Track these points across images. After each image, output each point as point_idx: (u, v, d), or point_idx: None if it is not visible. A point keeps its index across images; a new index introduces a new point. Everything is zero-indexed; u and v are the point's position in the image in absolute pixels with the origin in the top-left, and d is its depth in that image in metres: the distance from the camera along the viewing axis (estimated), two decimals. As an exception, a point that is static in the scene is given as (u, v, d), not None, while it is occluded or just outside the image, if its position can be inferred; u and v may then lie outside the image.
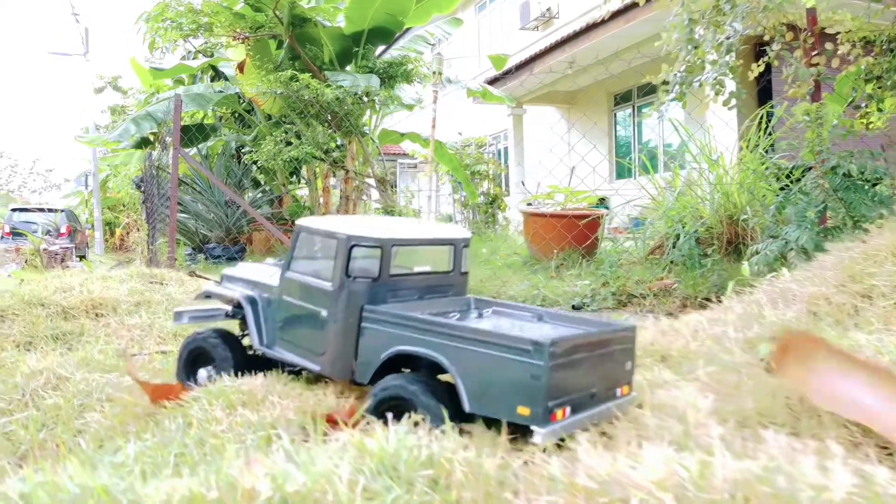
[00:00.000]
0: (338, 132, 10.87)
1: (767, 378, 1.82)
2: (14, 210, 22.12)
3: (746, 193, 6.41)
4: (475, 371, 1.69)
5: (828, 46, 5.73)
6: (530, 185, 13.77)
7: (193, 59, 13.66)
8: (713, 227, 6.47)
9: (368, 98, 10.84)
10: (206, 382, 2.27)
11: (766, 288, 3.16)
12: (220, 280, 2.70)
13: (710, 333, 2.56)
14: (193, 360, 2.46)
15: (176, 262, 8.58)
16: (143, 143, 12.55)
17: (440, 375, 1.83)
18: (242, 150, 12.66)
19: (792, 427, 1.54)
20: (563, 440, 1.34)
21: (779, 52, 5.79)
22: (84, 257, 17.34)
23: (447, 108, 15.65)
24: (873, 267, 2.76)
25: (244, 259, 11.46)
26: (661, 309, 5.59)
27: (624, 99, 16.06)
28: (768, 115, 6.83)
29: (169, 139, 10.19)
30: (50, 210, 21.76)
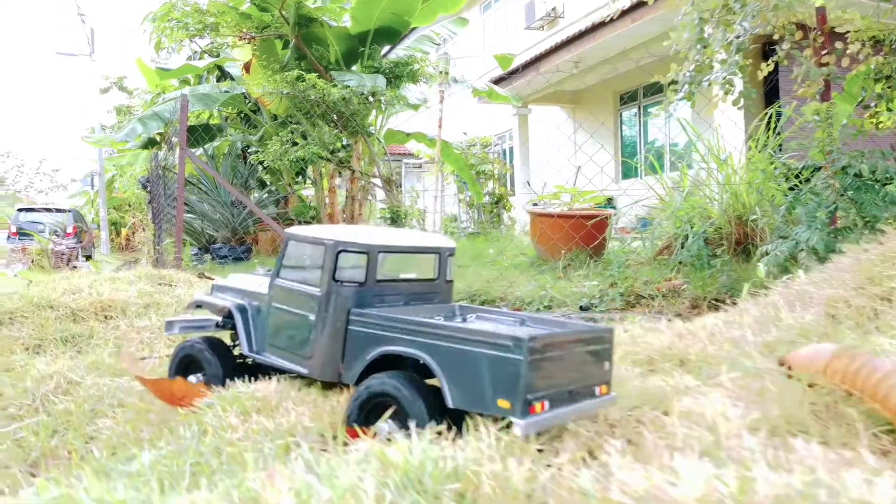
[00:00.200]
0: (344, 132, 10.85)
1: (791, 384, 1.78)
2: (20, 210, 22.15)
3: (755, 193, 6.36)
4: (458, 368, 1.76)
5: (837, 46, 5.69)
6: (536, 184, 13.74)
7: (199, 59, 13.66)
8: (722, 228, 6.42)
9: (374, 98, 10.82)
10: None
11: (782, 290, 3.12)
12: (211, 290, 2.75)
13: (728, 337, 2.52)
14: (184, 367, 2.51)
15: (182, 262, 8.57)
16: (149, 143, 12.56)
17: (427, 380, 1.87)
18: (248, 151, 12.65)
19: (820, 435, 1.50)
20: (591, 453, 1.31)
21: (789, 52, 5.76)
22: (90, 257, 17.37)
23: (452, 108, 15.64)
24: (892, 269, 2.72)
25: (250, 259, 11.47)
26: (669, 310, 5.55)
27: (630, 99, 15.99)
28: (776, 115, 6.78)
29: (175, 139, 10.19)
30: (58, 210, 21.80)
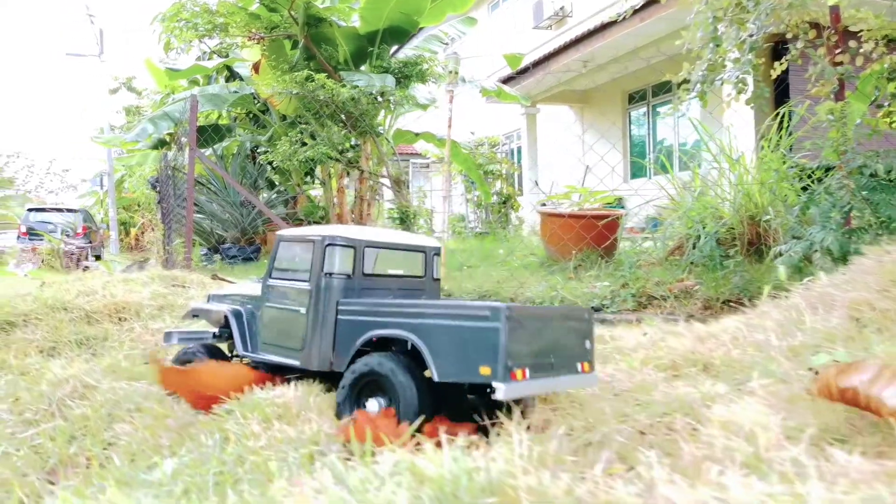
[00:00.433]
0: (353, 132, 10.83)
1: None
2: (30, 210, 22.20)
3: (768, 193, 6.30)
4: (441, 343, 1.86)
5: (851, 44, 5.64)
6: (544, 184, 13.69)
7: (208, 59, 13.65)
8: (734, 228, 6.36)
9: (383, 98, 10.78)
10: None
11: (803, 292, 3.07)
12: (207, 300, 2.87)
13: (751, 340, 2.48)
14: None
15: (192, 262, 8.57)
16: (158, 143, 12.56)
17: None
18: (257, 151, 12.64)
19: (856, 443, 1.46)
20: (634, 468, 1.27)
21: (803, 51, 5.71)
22: (99, 257, 17.42)
23: (460, 107, 15.57)
24: (917, 272, 2.67)
25: (259, 259, 11.47)
26: (681, 311, 5.50)
27: (639, 98, 15.91)
28: (788, 115, 6.71)
29: (185, 139, 10.18)
30: (69, 210, 21.85)
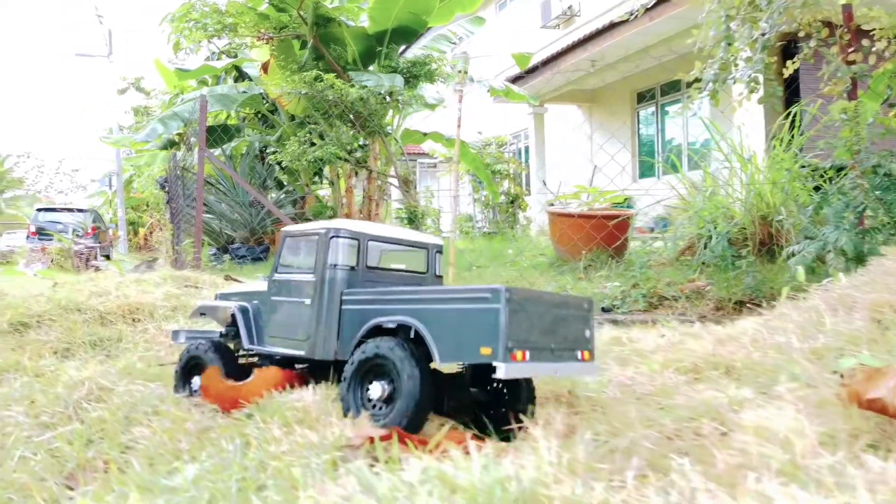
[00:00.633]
0: (362, 132, 10.82)
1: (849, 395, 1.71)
2: (40, 210, 22.31)
3: (780, 193, 6.25)
4: (442, 326, 1.92)
5: (863, 43, 5.60)
6: (552, 184, 13.64)
7: (217, 59, 13.67)
8: (746, 228, 6.32)
9: (392, 98, 10.77)
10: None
11: (822, 294, 3.04)
12: (215, 299, 2.93)
13: (772, 343, 2.44)
14: (190, 369, 2.66)
15: (201, 262, 8.57)
16: (168, 143, 12.59)
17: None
18: (266, 151, 12.65)
19: (889, 450, 1.43)
20: (666, 476, 1.24)
21: (816, 49, 5.67)
22: (108, 257, 17.47)
23: (467, 107, 15.53)
24: (940, 273, 2.64)
25: (268, 259, 11.48)
26: (693, 311, 5.46)
27: (648, 97, 15.85)
28: (799, 114, 6.66)
29: (194, 139, 10.20)
30: (80, 210, 21.95)
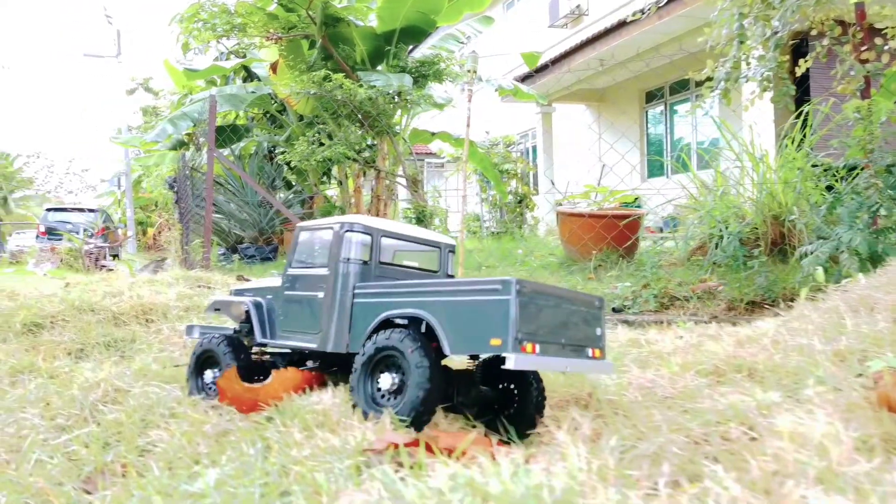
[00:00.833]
0: (370, 132, 10.80)
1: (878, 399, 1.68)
2: (49, 210, 22.41)
3: (792, 192, 6.20)
4: (453, 318, 1.94)
5: (876, 42, 5.56)
6: (559, 183, 13.60)
7: (226, 59, 13.68)
8: (757, 228, 6.27)
9: (401, 97, 10.75)
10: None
11: (842, 294, 3.00)
12: (230, 294, 2.98)
13: (793, 344, 2.41)
14: (202, 363, 2.70)
15: (210, 262, 8.58)
16: (177, 144, 12.60)
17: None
18: (275, 151, 12.65)
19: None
20: (699, 483, 1.22)
21: (830, 48, 5.64)
22: (117, 256, 17.52)
23: (476, 107, 15.51)
24: (964, 274, 2.60)
25: (277, 258, 11.49)
26: (705, 312, 5.43)
27: (656, 96, 15.78)
28: (808, 113, 6.61)
29: (203, 139, 10.21)
30: (91, 210, 22.04)
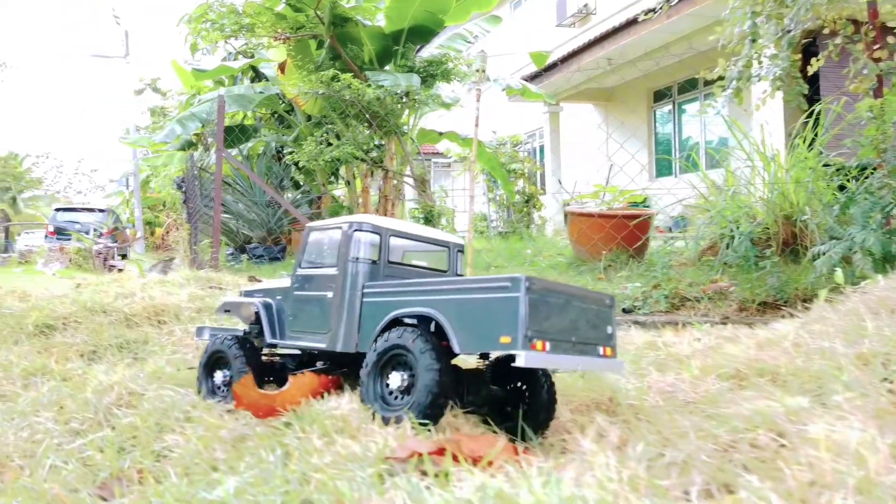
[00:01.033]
0: (378, 132, 10.79)
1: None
2: (58, 210, 22.49)
3: (804, 192, 6.16)
4: (463, 316, 1.93)
5: (889, 40, 5.53)
6: (567, 183, 13.56)
7: (234, 60, 13.68)
8: (769, 228, 6.23)
9: (409, 97, 10.72)
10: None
11: (861, 296, 2.96)
12: (240, 296, 2.98)
13: (815, 347, 2.37)
14: (213, 364, 2.69)
15: (219, 262, 8.57)
16: (186, 144, 12.61)
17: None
18: (283, 151, 12.65)
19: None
20: (732, 492, 1.18)
21: (843, 46, 5.60)
22: (125, 256, 17.56)
23: (483, 106, 15.49)
24: None
25: (285, 258, 11.49)
26: (716, 312, 5.39)
27: (664, 96, 15.73)
28: (818, 112, 6.56)
29: (211, 140, 10.20)
30: (101, 210, 22.12)
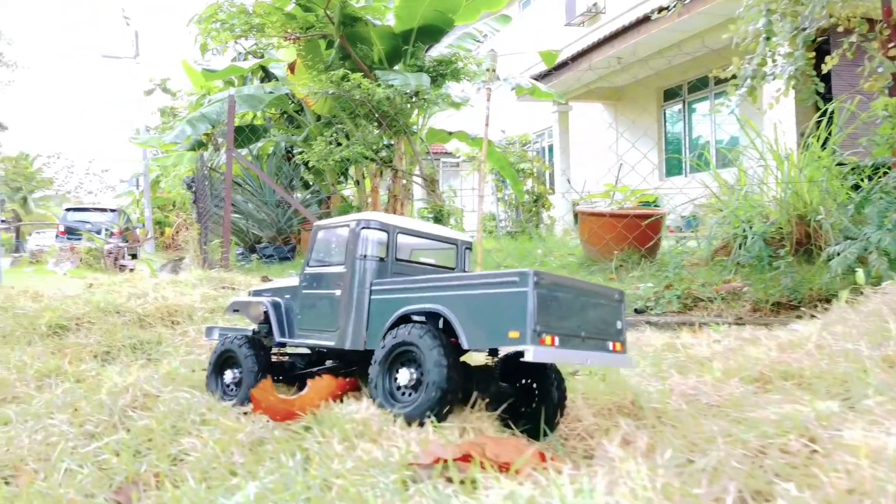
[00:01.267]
0: (388, 131, 10.77)
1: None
2: (68, 210, 22.60)
3: (818, 192, 6.10)
4: (471, 311, 1.93)
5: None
6: (576, 182, 13.51)
7: (244, 60, 13.70)
8: (782, 227, 6.18)
9: (419, 97, 10.70)
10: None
11: (882, 297, 2.91)
12: (249, 295, 2.99)
13: (838, 349, 2.32)
14: (222, 363, 2.70)
15: (229, 262, 8.58)
16: (196, 144, 12.63)
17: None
18: (292, 151, 12.66)
19: None
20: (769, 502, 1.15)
21: (859, 44, 5.55)
22: (135, 256, 17.63)
23: (493, 106, 15.44)
24: None
25: (295, 258, 11.50)
26: (729, 313, 5.35)
27: (674, 95, 15.66)
28: (830, 111, 6.51)
29: (221, 140, 10.22)
30: (111, 210, 22.21)
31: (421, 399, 1.93)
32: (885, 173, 5.58)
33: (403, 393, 2.04)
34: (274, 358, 2.78)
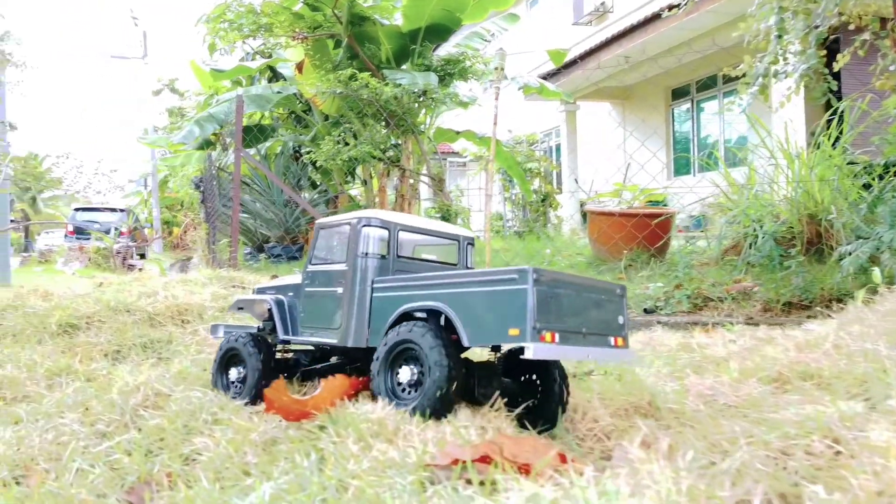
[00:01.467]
0: (396, 131, 10.76)
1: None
2: (77, 209, 22.70)
3: (829, 191, 6.05)
4: (472, 309, 1.92)
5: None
6: (583, 181, 13.47)
7: (252, 60, 13.71)
8: (793, 227, 6.14)
9: (426, 96, 10.68)
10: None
11: (899, 297, 2.88)
12: (254, 293, 3.00)
13: (856, 349, 2.29)
14: (227, 361, 2.71)
15: (237, 261, 8.58)
16: (204, 144, 12.65)
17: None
18: (300, 151, 12.66)
19: None
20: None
21: (872, 42, 5.51)
22: (144, 255, 17.70)
23: (500, 105, 15.40)
24: None
25: (303, 258, 11.49)
26: (740, 313, 5.32)
27: (682, 94, 15.60)
28: (840, 110, 6.45)
29: (230, 140, 10.23)
30: (120, 210, 22.32)
31: (422, 398, 1.94)
32: (898, 172, 5.55)
33: (405, 390, 2.05)
34: (278, 355, 2.79)
